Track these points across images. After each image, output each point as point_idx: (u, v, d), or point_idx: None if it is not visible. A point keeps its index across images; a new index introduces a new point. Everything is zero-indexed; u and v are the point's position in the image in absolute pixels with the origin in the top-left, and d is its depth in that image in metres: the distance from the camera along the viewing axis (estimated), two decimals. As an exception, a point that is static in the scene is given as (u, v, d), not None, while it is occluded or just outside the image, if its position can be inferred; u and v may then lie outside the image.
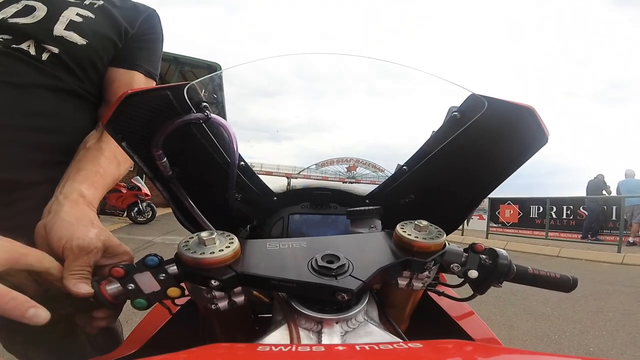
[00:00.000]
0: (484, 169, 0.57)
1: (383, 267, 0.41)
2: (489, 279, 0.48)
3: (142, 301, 0.40)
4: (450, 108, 0.58)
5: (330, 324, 0.37)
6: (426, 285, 0.47)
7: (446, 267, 0.47)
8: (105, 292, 0.39)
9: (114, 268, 0.39)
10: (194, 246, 0.39)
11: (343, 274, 0.38)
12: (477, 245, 0.48)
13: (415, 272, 0.44)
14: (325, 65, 0.77)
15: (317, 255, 0.40)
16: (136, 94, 0.46)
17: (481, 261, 0.48)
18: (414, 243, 0.43)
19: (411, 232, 0.44)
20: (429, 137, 0.60)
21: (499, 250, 0.48)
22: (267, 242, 0.44)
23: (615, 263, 5.60)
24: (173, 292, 0.40)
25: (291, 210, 0.71)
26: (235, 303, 0.41)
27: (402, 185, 0.64)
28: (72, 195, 0.52)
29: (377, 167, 16.66)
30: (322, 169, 20.49)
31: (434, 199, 0.63)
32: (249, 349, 0.30)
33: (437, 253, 0.43)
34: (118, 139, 0.48)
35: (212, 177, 0.59)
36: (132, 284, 0.40)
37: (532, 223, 8.46)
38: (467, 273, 0.47)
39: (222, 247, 0.39)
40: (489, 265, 0.47)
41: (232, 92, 0.54)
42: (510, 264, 0.48)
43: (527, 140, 0.50)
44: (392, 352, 0.27)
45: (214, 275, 0.37)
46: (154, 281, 0.40)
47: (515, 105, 0.49)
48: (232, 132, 0.54)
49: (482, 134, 0.53)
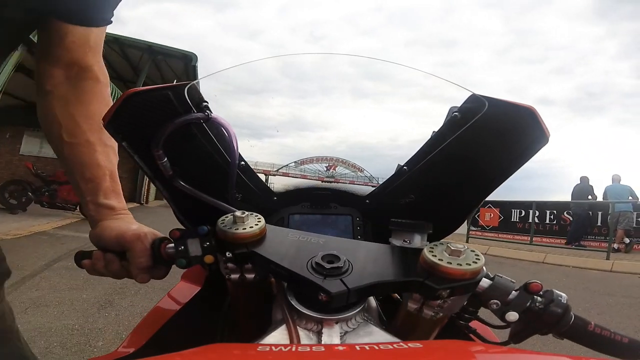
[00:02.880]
0: (485, 169, 0.56)
1: (381, 282, 0.39)
2: (533, 326, 0.39)
3: (183, 261, 0.46)
4: (450, 108, 0.58)
5: (330, 324, 0.37)
6: (447, 315, 0.42)
7: (485, 301, 0.40)
8: (164, 251, 0.48)
9: (172, 231, 0.48)
10: (229, 223, 0.45)
11: (334, 275, 0.38)
12: (533, 284, 0.39)
13: (425, 297, 0.40)
14: (311, 65, 0.76)
15: (321, 253, 0.41)
16: (136, 94, 0.46)
17: (531, 304, 0.39)
18: (437, 267, 0.38)
19: (439, 253, 0.39)
20: (429, 137, 0.60)
21: (558, 293, 0.40)
22: (290, 231, 0.48)
23: (605, 270, 5.44)
24: (208, 259, 0.46)
25: (291, 210, 0.71)
26: (245, 279, 0.45)
27: (402, 186, 0.64)
28: (102, 216, 0.58)
29: (357, 167, 16.63)
30: (302, 167, 20.48)
31: (434, 199, 0.63)
32: (249, 349, 0.30)
33: (460, 282, 0.37)
34: (118, 138, 0.48)
35: (213, 177, 0.59)
36: (183, 245, 0.46)
37: (514, 227, 8.29)
38: (505, 315, 0.39)
39: (248, 225, 0.44)
40: (538, 311, 0.39)
41: (215, 88, 0.54)
42: (566, 313, 0.38)
43: (527, 140, 0.50)
44: (392, 352, 0.27)
45: (231, 249, 0.43)
46: (199, 247, 0.46)
47: (515, 105, 0.49)
48: (232, 132, 0.54)
49: (482, 134, 0.53)
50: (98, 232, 0.55)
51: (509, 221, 8.42)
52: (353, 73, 1.10)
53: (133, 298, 2.91)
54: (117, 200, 0.60)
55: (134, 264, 0.50)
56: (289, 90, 7.75)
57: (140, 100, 0.46)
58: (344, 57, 0.69)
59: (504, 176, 0.55)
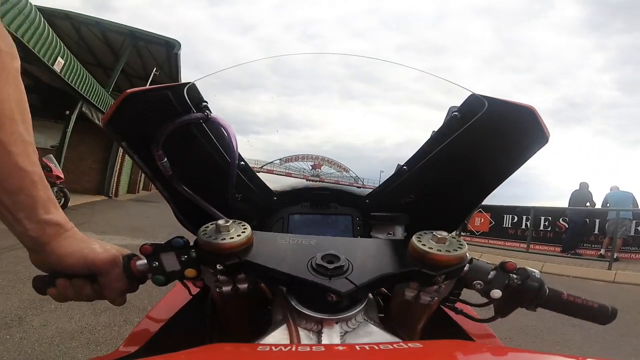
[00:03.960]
0: (484, 169, 0.56)
1: (384, 275, 0.40)
2: (515, 301, 0.44)
3: (161, 278, 0.43)
4: (450, 108, 0.57)
5: (330, 324, 0.37)
6: (439, 300, 0.44)
7: (469, 283, 0.44)
8: (134, 267, 0.44)
9: (143, 246, 0.43)
10: (211, 232, 0.42)
11: (338, 275, 0.39)
12: (509, 263, 0.44)
13: (423, 285, 0.42)
14: (302, 63, 0.76)
15: (319, 254, 0.41)
16: (136, 94, 0.46)
17: (509, 281, 0.43)
18: (428, 255, 0.40)
19: (427, 242, 0.41)
20: (429, 137, 0.60)
21: (532, 270, 0.45)
22: (278, 236, 0.47)
23: (607, 281, 5.20)
24: (190, 272, 0.43)
25: (291, 210, 0.71)
26: (238, 289, 0.43)
27: (402, 185, 0.64)
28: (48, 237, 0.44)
29: (342, 167, 16.51)
30: (287, 165, 20.37)
31: (434, 199, 0.63)
32: (249, 349, 0.30)
33: (452, 267, 0.40)
34: (118, 138, 0.48)
35: (212, 177, 0.59)
36: (156, 261, 0.43)
37: (505, 233, 7.91)
38: (490, 292, 0.43)
39: (234, 234, 0.41)
40: (517, 287, 0.43)
41: (203, 81, 0.54)
42: (542, 286, 0.44)
43: (527, 140, 0.50)
44: (392, 352, 0.27)
45: (221, 261, 0.40)
46: (175, 261, 0.43)
47: (515, 105, 0.49)
48: (232, 132, 0.54)
49: (482, 134, 0.53)
50: (51, 258, 0.44)
51: (500, 227, 8.06)
52: (344, 74, 1.11)
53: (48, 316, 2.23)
54: (58, 212, 0.46)
55: (110, 288, 0.45)
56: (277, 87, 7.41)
57: (140, 100, 0.46)
58: (335, 56, 0.69)
59: (504, 176, 0.55)
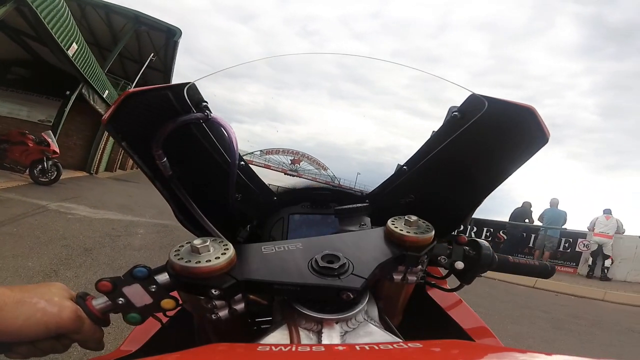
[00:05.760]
0: (484, 169, 0.56)
1: (381, 264, 0.41)
2: (474, 269, 0.50)
3: (135, 316, 0.38)
4: (450, 108, 0.57)
5: (330, 324, 0.37)
6: (419, 278, 0.48)
7: (434, 260, 0.49)
8: (92, 307, 0.38)
9: (100, 282, 0.37)
10: (186, 254, 0.37)
11: (345, 273, 0.39)
12: (461, 237, 0.51)
13: (409, 267, 0.44)
14: (296, 58, 0.76)
15: (317, 255, 0.40)
16: (136, 94, 0.45)
17: (465, 252, 0.50)
18: (406, 238, 0.44)
19: (402, 227, 0.45)
20: (429, 137, 0.60)
21: (481, 241, 0.51)
22: (262, 245, 0.43)
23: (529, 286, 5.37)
24: (167, 304, 0.38)
25: (291, 210, 0.71)
26: (235, 311, 0.38)
27: (402, 185, 0.64)
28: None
29: (321, 165, 16.38)
30: (266, 157, 20.29)
31: (434, 199, 0.63)
32: (249, 349, 0.30)
33: (429, 247, 0.45)
34: (118, 138, 0.48)
35: (212, 176, 0.59)
36: (121, 298, 0.38)
37: None
38: (453, 265, 0.49)
39: (217, 254, 0.37)
40: (473, 256, 0.50)
41: (192, 67, 0.52)
42: (493, 254, 0.51)
43: (527, 140, 0.50)
44: (392, 352, 0.27)
45: (214, 284, 0.35)
46: (144, 293, 0.38)
47: (515, 105, 0.49)
48: (232, 132, 0.54)
49: (482, 134, 0.53)
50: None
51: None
52: (337, 73, 1.10)
53: (77, 270, 2.82)
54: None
55: (85, 341, 0.39)
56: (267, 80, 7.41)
57: (140, 100, 0.46)
58: (330, 55, 0.68)
59: (504, 176, 0.55)
